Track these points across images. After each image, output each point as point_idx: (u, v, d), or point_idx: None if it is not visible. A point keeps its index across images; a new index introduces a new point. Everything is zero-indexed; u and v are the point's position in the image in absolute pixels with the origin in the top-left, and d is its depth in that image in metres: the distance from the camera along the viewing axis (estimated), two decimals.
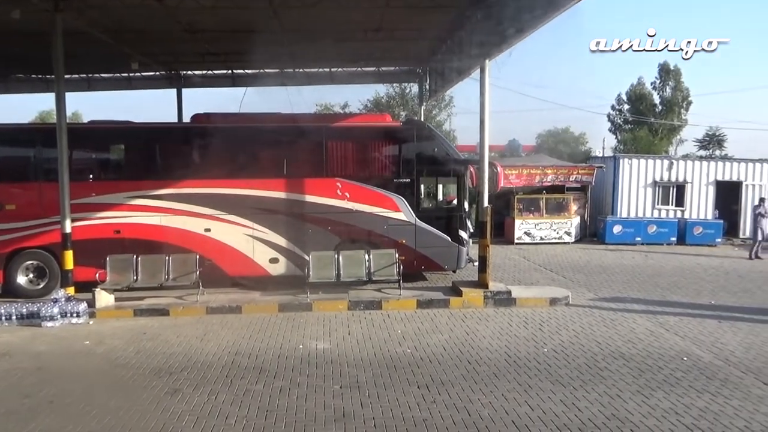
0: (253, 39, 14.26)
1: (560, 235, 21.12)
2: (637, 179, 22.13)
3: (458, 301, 11.49)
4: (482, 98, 12.16)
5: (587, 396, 6.94)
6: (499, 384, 7.32)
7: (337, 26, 14.26)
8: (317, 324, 10.22)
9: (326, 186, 12.62)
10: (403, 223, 12.74)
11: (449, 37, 15.40)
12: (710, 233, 21.10)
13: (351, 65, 19.74)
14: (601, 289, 13.17)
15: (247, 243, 12.49)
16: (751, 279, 14.72)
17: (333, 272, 11.71)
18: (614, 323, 10.28)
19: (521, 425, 6.14)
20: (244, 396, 6.96)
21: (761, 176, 22.38)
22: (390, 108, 32.49)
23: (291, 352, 8.64)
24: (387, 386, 7.25)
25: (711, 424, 6.20)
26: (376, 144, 13.19)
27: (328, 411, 6.52)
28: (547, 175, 21.73)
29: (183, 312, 10.96)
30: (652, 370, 7.88)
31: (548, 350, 8.72)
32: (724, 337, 9.46)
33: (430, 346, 8.89)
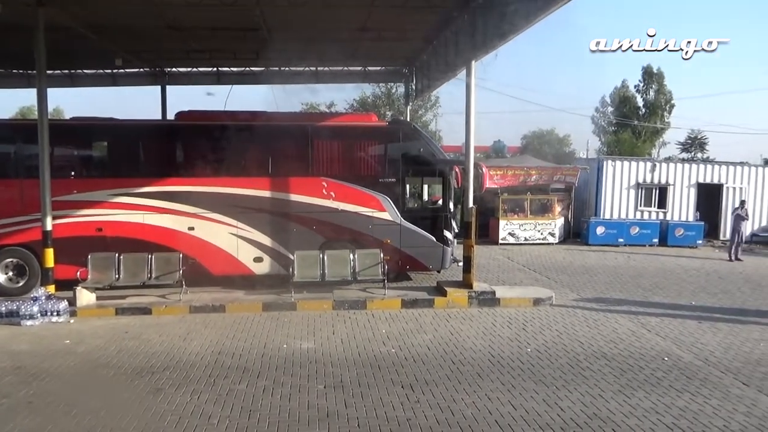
0: (239, 37, 14.18)
1: (544, 236, 21.26)
2: (620, 181, 22.35)
3: (443, 301, 11.52)
4: (468, 99, 12.20)
5: (569, 395, 6.99)
6: (482, 384, 7.36)
7: (323, 25, 14.21)
8: (301, 323, 10.19)
9: (311, 185, 12.58)
10: (388, 222, 12.74)
11: (435, 37, 15.43)
12: (691, 235, 21.39)
13: (337, 64, 19.71)
14: (584, 290, 13.28)
15: (232, 242, 12.41)
16: (731, 280, 14.94)
17: (318, 272, 11.68)
18: (597, 323, 10.38)
19: (504, 425, 6.17)
20: (227, 396, 6.92)
21: (742, 179, 22.73)
22: (376, 108, 32.48)
23: (275, 352, 8.61)
24: (371, 386, 7.25)
25: (690, 423, 6.29)
26: (361, 143, 13.18)
27: (312, 411, 6.50)
28: (531, 175, 21.88)
29: (166, 311, 10.87)
30: (633, 369, 7.97)
31: (531, 350, 8.78)
32: (704, 338, 9.59)
33: (415, 346, 8.90)
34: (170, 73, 20.40)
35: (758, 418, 6.45)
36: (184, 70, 20.34)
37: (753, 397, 7.06)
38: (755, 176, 22.89)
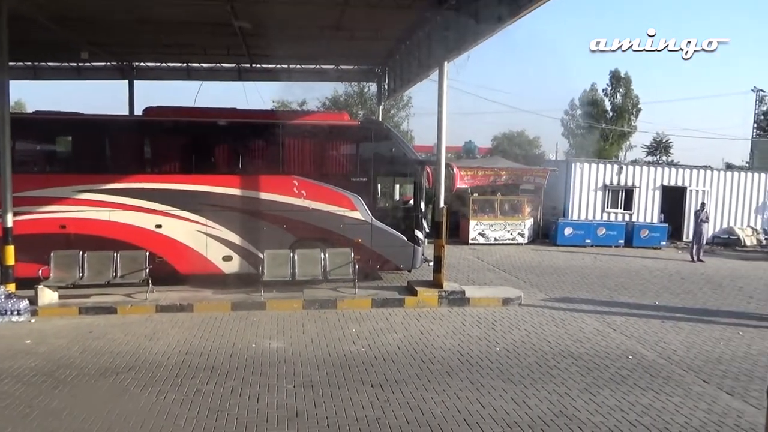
0: (210, 32, 13.99)
1: (514, 236, 21.50)
2: (588, 183, 22.75)
3: (413, 300, 11.55)
4: (440, 100, 12.26)
5: (537, 394, 7.08)
6: (451, 383, 7.40)
7: (295, 22, 14.12)
8: (271, 323, 10.11)
9: (282, 183, 12.49)
10: (359, 222, 12.72)
11: (408, 37, 15.47)
12: (656, 236, 21.91)
13: (310, 62, 19.62)
14: (552, 290, 13.48)
15: (200, 240, 12.24)
16: (693, 281, 15.33)
17: (288, 271, 11.60)
18: (564, 323, 10.53)
19: (473, 423, 6.22)
20: (194, 396, 6.82)
21: (704, 182, 23.36)
22: (348, 107, 32.43)
23: (243, 351, 8.51)
24: (340, 385, 7.23)
25: (653, 420, 6.43)
26: (333, 142, 13.13)
27: (281, 411, 6.45)
28: (501, 176, 22.11)
29: (131, 310, 10.66)
30: (599, 368, 8.11)
31: (500, 349, 8.87)
32: (667, 337, 9.82)
33: (385, 345, 8.91)
34: (138, 68, 20.04)
35: (718, 414, 6.64)
36: (153, 64, 19.99)
37: (713, 395, 7.26)
38: (717, 180, 23.56)
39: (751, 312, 11.89)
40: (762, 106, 45.10)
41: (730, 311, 11.91)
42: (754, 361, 8.62)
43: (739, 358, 8.75)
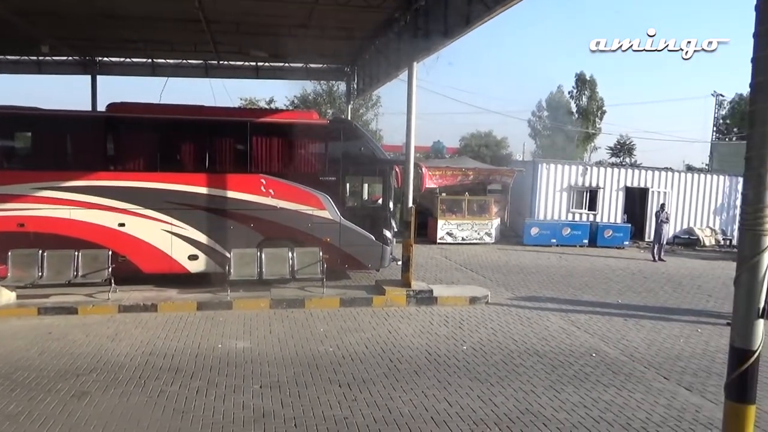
0: (175, 28, 13.76)
1: (481, 236, 21.71)
2: (554, 183, 23.12)
3: (381, 299, 11.57)
4: (409, 100, 12.31)
5: (503, 392, 7.17)
6: (419, 381, 7.43)
7: (264, 20, 14.01)
8: (237, 322, 9.99)
9: (250, 182, 12.36)
10: (328, 221, 12.67)
11: (378, 37, 15.48)
12: (619, 236, 22.40)
13: (278, 60, 19.47)
14: (518, 289, 13.65)
15: (165, 239, 12.02)
16: (655, 280, 15.72)
17: (255, 270, 11.49)
18: (530, 321, 10.68)
19: (440, 421, 6.26)
20: (158, 397, 6.70)
21: (666, 184, 23.99)
22: (317, 105, 32.31)
23: (209, 352, 8.40)
24: (308, 385, 7.20)
25: (616, 416, 6.57)
26: (302, 141, 13.04)
27: (247, 411, 6.38)
28: (469, 176, 22.30)
29: (93, 310, 10.40)
30: (563, 366, 8.25)
31: (467, 348, 8.94)
32: (629, 335, 10.05)
33: (353, 345, 8.90)
34: (101, 63, 19.60)
35: (677, 410, 6.82)
36: (117, 59, 19.58)
37: (673, 390, 7.46)
38: (678, 181, 24.22)
39: (710, 310, 12.25)
40: (721, 110, 46.54)
41: (689, 309, 12.25)
42: (712, 357, 8.88)
43: (697, 355, 9.01)
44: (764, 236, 3.50)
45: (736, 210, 23.45)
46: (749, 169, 3.55)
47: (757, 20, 3.50)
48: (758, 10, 3.50)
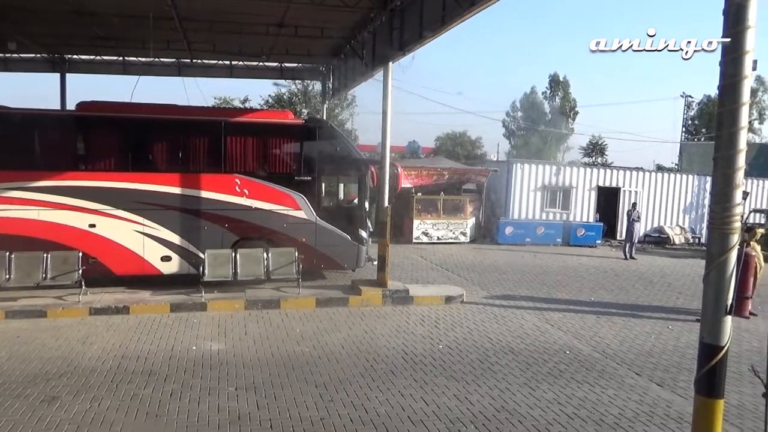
0: (148, 25, 13.55)
1: (456, 236, 21.83)
2: (528, 183, 23.36)
3: (357, 299, 11.55)
4: (385, 99, 12.32)
5: (479, 390, 7.22)
6: (396, 381, 7.44)
7: (238, 18, 13.88)
8: (212, 324, 9.89)
9: (224, 182, 12.23)
10: (303, 221, 12.61)
11: (353, 37, 15.47)
12: (591, 235, 22.75)
13: (252, 59, 19.31)
14: (493, 288, 13.76)
15: (137, 240, 11.83)
16: (626, 278, 16.00)
17: (230, 271, 11.38)
18: (505, 320, 10.78)
19: (417, 420, 6.28)
20: (131, 401, 6.58)
21: (637, 183, 24.43)
22: (292, 105, 32.13)
23: (183, 354, 8.29)
24: (284, 386, 7.15)
25: (589, 412, 6.67)
26: (277, 141, 12.94)
27: (222, 414, 6.32)
28: (444, 176, 22.41)
29: (63, 313, 10.18)
30: (538, 363, 8.35)
31: (443, 347, 8.98)
32: (601, 332, 10.20)
33: (329, 345, 8.87)
34: (71, 61, 19.20)
35: (649, 405, 6.95)
36: (87, 57, 19.21)
37: (644, 386, 7.60)
38: (649, 181, 24.70)
39: (680, 307, 12.51)
40: (690, 111, 47.56)
41: (660, 306, 12.50)
42: (683, 353, 9.07)
43: (668, 351, 9.19)
44: (732, 235, 3.59)
45: (705, 209, 24.02)
46: (717, 169, 3.64)
47: (724, 25, 3.58)
48: (726, 15, 3.58)
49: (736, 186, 3.58)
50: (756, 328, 10.57)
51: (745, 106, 3.60)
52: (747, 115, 3.66)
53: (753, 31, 3.54)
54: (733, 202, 3.58)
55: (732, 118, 3.58)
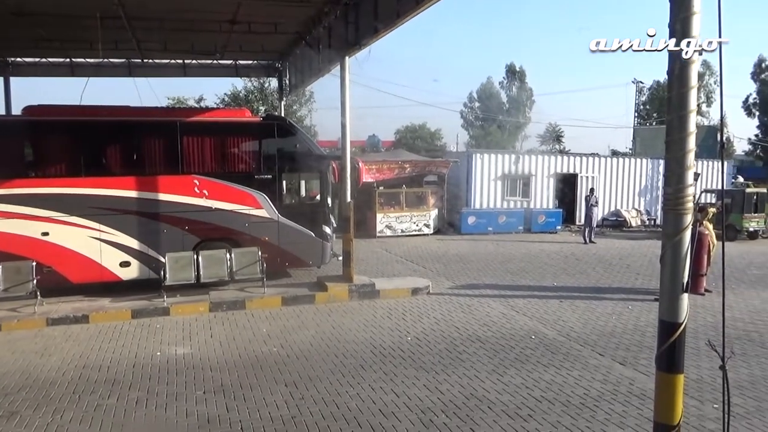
0: (94, 25, 13.12)
1: (420, 228, 21.92)
2: (488, 173, 23.62)
3: (324, 296, 11.51)
4: (343, 94, 12.27)
5: (448, 379, 7.28)
6: (365, 375, 7.45)
7: (189, 15, 13.57)
8: (176, 328, 9.70)
9: (182, 183, 11.98)
10: (265, 220, 12.47)
11: (308, 32, 15.32)
12: (552, 221, 23.19)
13: (205, 57, 18.93)
14: (458, 278, 13.89)
15: (94, 246, 11.48)
16: (587, 261, 16.36)
17: (192, 273, 11.17)
18: (471, 309, 10.89)
19: (388, 413, 6.30)
20: (94, 412, 6.40)
21: (593, 169, 24.98)
22: (249, 103, 31.69)
23: (147, 361, 8.11)
24: (253, 387, 7.07)
25: (556, 394, 6.81)
26: (235, 140, 12.75)
27: (191, 418, 6.21)
28: (405, 169, 22.45)
29: (18, 325, 9.82)
30: (505, 349, 8.47)
31: (411, 338, 9.03)
32: (565, 315, 10.42)
33: (297, 343, 8.81)
34: (14, 64, 18.48)
35: (612, 384, 7.14)
36: (32, 60, 18.51)
37: (608, 366, 7.80)
38: (605, 166, 25.28)
39: (639, 287, 12.88)
40: (641, 96, 48.84)
41: (620, 288, 12.84)
42: (643, 332, 9.34)
43: (629, 331, 9.46)
44: (685, 215, 3.68)
45: (659, 191, 24.77)
46: (669, 152, 3.72)
47: (671, 12, 3.66)
48: (672, 3, 3.66)
49: (688, 167, 3.67)
50: (711, 304, 10.96)
51: (694, 89, 3.68)
52: (695, 99, 3.76)
53: (698, 17, 3.62)
54: (686, 183, 3.67)
55: (681, 102, 3.67)
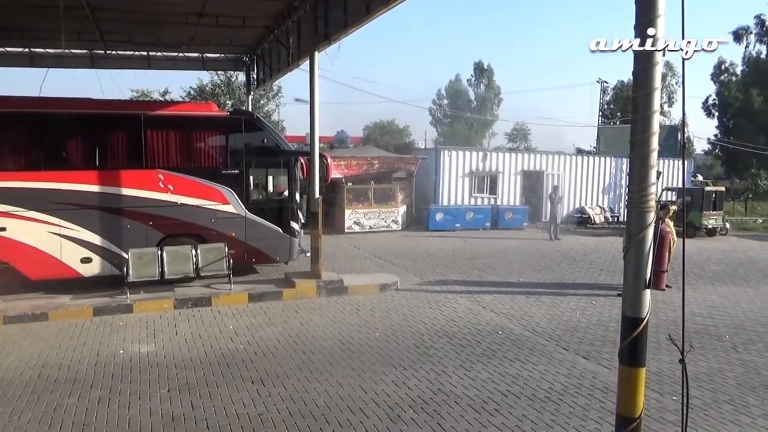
0: (56, 15, 12.74)
1: (388, 224, 21.97)
2: (456, 170, 23.80)
3: (291, 292, 11.43)
4: (312, 90, 12.18)
5: (416, 374, 7.32)
6: (333, 371, 7.43)
7: (154, 7, 13.29)
8: (140, 326, 9.51)
9: (146, 178, 11.74)
10: (232, 215, 12.32)
11: (277, 26, 15.16)
12: (518, 218, 23.50)
13: (171, 50, 18.57)
14: (426, 273, 13.96)
15: (53, 242, 11.16)
16: (552, 258, 16.63)
17: (156, 270, 10.96)
18: (438, 304, 10.97)
19: (356, 409, 6.30)
20: (54, 412, 6.24)
21: (559, 166, 25.39)
22: (215, 97, 31.21)
23: (110, 359, 7.93)
24: (219, 385, 6.99)
25: (522, 388, 6.91)
26: (201, 134, 12.55)
27: (155, 417, 6.10)
28: (374, 165, 22.45)
29: None
30: (471, 345, 8.55)
31: (379, 334, 9.04)
32: (531, 311, 10.57)
33: (264, 340, 8.74)
34: None
35: (576, 378, 7.28)
36: None
37: (572, 360, 7.95)
38: (570, 164, 25.73)
39: (602, 283, 13.15)
40: (605, 96, 49.79)
41: (584, 283, 13.09)
42: (606, 327, 9.54)
43: (593, 326, 9.65)
44: (648, 213, 3.76)
45: (623, 189, 25.32)
46: (634, 151, 3.79)
47: (636, 13, 3.73)
48: (638, 4, 3.72)
49: (651, 166, 3.75)
50: (671, 300, 11.26)
51: (657, 91, 3.76)
52: (659, 100, 3.84)
53: (663, 19, 3.70)
54: (649, 181, 3.74)
55: (646, 102, 3.74)
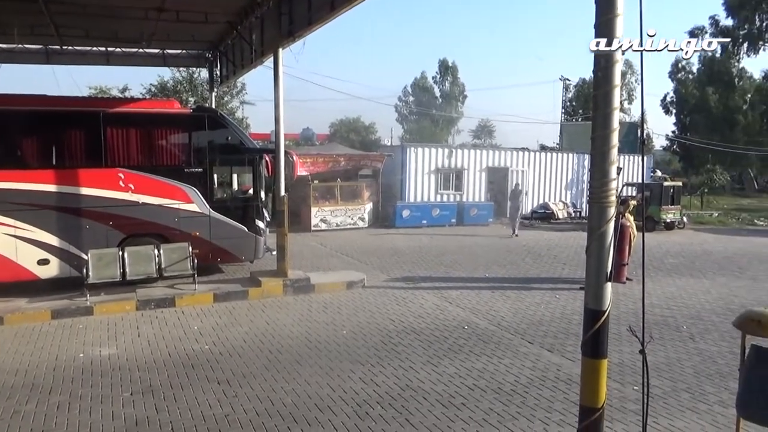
0: (7, 9, 12.32)
1: (355, 221, 21.94)
2: (422, 166, 23.91)
3: (257, 291, 11.32)
4: (276, 87, 12.06)
5: (384, 371, 7.34)
6: (301, 370, 7.39)
7: (113, 2, 12.94)
8: (100, 328, 9.28)
9: (106, 177, 11.45)
10: (195, 214, 12.12)
11: (240, 22, 14.93)
12: (483, 214, 23.76)
13: (131, 46, 18.12)
14: (393, 270, 13.99)
15: (8, 244, 10.80)
16: (517, 253, 16.87)
17: (117, 271, 10.70)
18: (405, 301, 11.01)
19: (323, 407, 6.28)
20: (11, 419, 6.04)
21: (523, 163, 25.75)
22: (177, 94, 30.62)
23: (70, 363, 7.72)
24: (184, 386, 6.87)
25: (488, 382, 7.00)
26: (163, 132, 12.29)
27: (118, 421, 5.97)
28: (340, 162, 22.38)
29: None
30: (439, 340, 8.62)
31: (347, 332, 9.03)
32: (496, 305, 10.71)
33: (230, 340, 8.63)
34: None
35: (541, 370, 7.41)
36: None
37: (537, 353, 8.08)
38: (534, 160, 26.12)
39: (565, 277, 13.40)
40: (568, 93, 50.71)
41: (548, 278, 13.32)
42: (569, 320, 9.73)
43: (557, 319, 9.83)
44: (610, 208, 3.84)
45: (584, 185, 25.81)
46: (595, 147, 3.87)
47: (597, 13, 3.80)
48: (597, 4, 3.79)
49: (612, 162, 3.84)
50: (631, 292, 11.54)
51: (617, 88, 3.85)
52: (619, 97, 3.92)
53: (621, 18, 3.78)
54: (610, 177, 3.83)
55: (606, 100, 3.82)
